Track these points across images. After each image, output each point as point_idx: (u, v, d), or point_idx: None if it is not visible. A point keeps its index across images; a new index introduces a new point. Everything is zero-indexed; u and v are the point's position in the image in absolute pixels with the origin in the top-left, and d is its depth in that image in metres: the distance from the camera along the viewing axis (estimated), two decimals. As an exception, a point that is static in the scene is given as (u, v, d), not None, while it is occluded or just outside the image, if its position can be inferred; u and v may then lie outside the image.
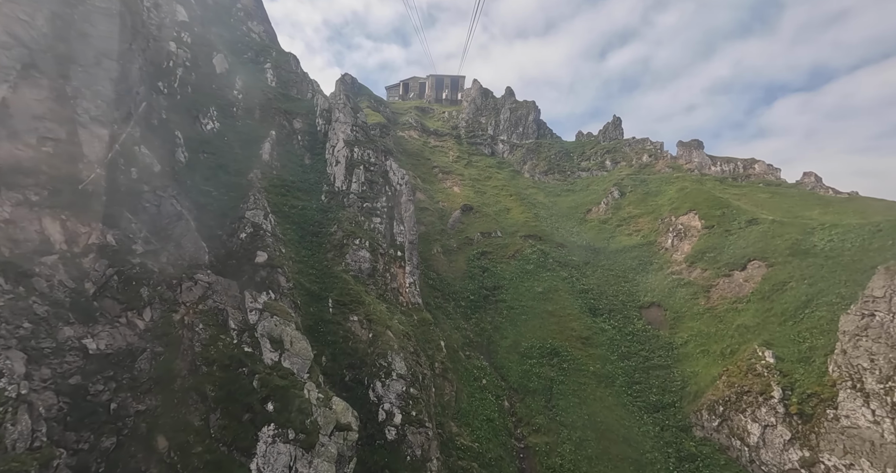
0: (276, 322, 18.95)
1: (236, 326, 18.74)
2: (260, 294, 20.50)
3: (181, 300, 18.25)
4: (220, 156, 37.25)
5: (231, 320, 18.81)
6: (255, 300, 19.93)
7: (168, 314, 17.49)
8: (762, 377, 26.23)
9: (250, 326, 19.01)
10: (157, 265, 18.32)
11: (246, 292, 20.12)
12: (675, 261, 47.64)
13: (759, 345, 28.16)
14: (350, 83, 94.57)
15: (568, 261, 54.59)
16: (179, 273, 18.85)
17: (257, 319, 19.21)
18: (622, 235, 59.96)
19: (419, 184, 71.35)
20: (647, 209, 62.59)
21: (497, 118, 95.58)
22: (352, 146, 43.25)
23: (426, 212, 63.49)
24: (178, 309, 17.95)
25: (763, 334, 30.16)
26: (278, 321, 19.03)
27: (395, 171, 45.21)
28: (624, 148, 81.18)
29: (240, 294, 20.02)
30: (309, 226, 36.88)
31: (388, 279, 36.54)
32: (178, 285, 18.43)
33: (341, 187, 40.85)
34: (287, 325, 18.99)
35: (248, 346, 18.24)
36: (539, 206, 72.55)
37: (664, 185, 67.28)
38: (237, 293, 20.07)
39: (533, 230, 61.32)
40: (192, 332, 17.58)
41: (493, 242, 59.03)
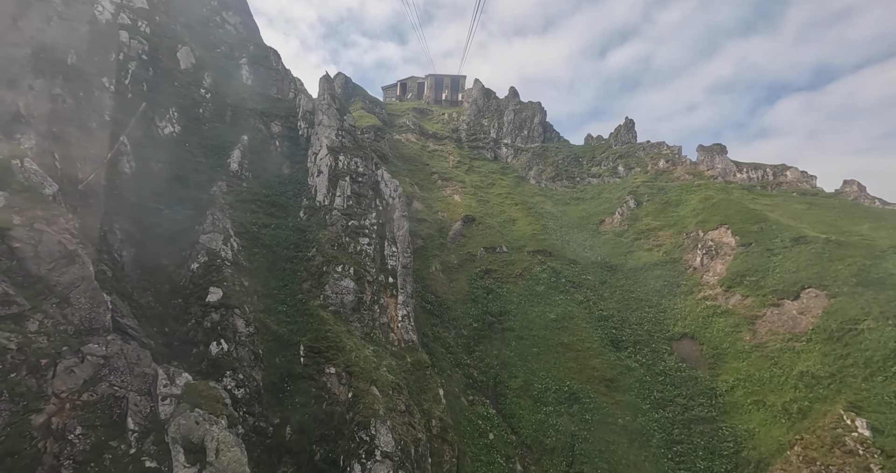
0: (199, 418, 13.01)
1: (137, 425, 12.80)
2: (179, 375, 14.53)
3: (53, 389, 12.30)
4: (179, 165, 31.42)
5: (132, 415, 12.87)
6: (172, 382, 14.00)
7: (24, 416, 11.55)
8: (856, 457, 20.41)
9: (159, 423, 13.06)
10: (18, 338, 12.34)
11: (160, 370, 14.17)
12: (706, 284, 41.72)
13: (844, 409, 22.34)
14: (343, 83, 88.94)
15: (582, 281, 48.67)
16: (58, 346, 12.92)
17: (171, 412, 13.27)
18: (641, 250, 54.03)
19: (416, 192, 65.58)
20: (667, 221, 56.68)
21: (500, 120, 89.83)
22: (336, 154, 37.38)
23: (423, 224, 57.69)
24: (46, 406, 11.99)
25: (844, 390, 24.33)
26: (202, 417, 13.09)
27: (386, 182, 39.34)
28: (638, 153, 75.34)
29: (152, 371, 14.09)
30: (282, 250, 30.95)
31: (376, 313, 30.59)
32: (50, 366, 12.50)
33: (323, 201, 34.97)
34: (214, 423, 13.06)
35: (151, 459, 12.31)
36: (547, 216, 66.67)
37: (685, 193, 61.38)
38: (148, 369, 14.15)
39: (542, 245, 55.41)
40: (61, 443, 11.63)
41: (497, 258, 53.12)
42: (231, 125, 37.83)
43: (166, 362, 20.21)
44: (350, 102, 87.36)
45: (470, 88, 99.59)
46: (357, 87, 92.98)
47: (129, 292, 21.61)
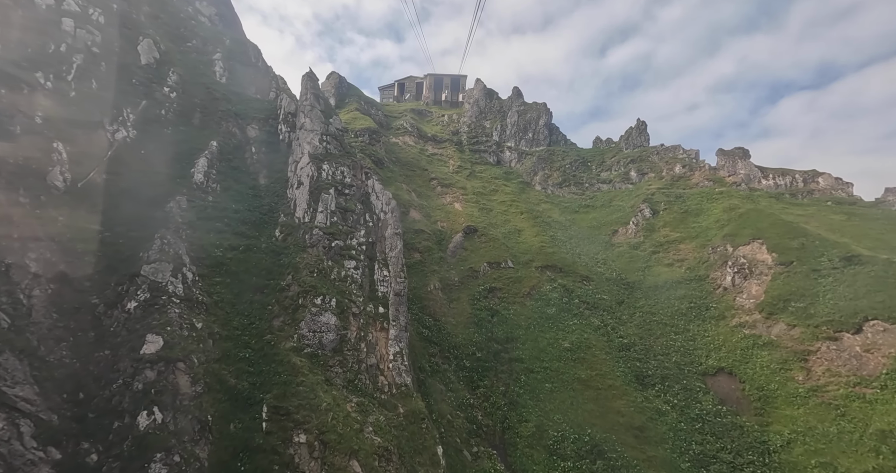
0: None
1: None
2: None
3: None
4: (130, 177, 26.53)
5: None
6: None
7: None
8: None
9: None
10: None
11: None
12: (741, 308, 36.80)
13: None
14: (337, 83, 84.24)
15: (597, 301, 43.74)
16: None
17: None
18: (661, 265, 49.11)
19: (413, 200, 60.76)
20: (688, 232, 51.79)
21: (503, 122, 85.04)
22: (320, 162, 32.50)
23: (421, 235, 52.84)
24: None
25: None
26: None
27: (378, 193, 34.47)
28: (651, 157, 70.48)
29: None
30: (251, 278, 26.03)
31: (362, 353, 25.65)
32: None
33: (303, 217, 30.07)
34: None
35: None
36: (555, 226, 61.80)
37: (706, 202, 56.51)
38: None
39: (551, 259, 50.50)
40: None
41: (503, 275, 48.22)
42: (199, 129, 32.94)
43: (73, 443, 15.36)
44: (344, 104, 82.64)
45: (471, 89, 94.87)
46: (352, 87, 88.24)
47: (34, 346, 16.68)
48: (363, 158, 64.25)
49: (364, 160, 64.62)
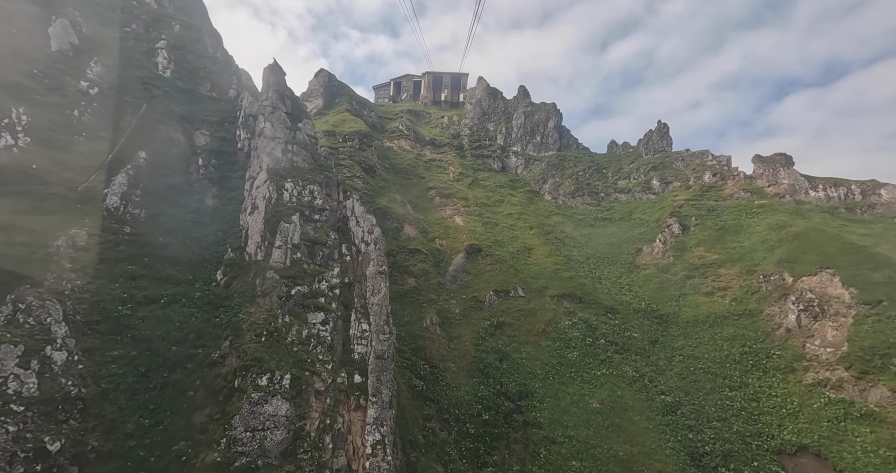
0: None
1: None
2: None
3: None
4: (4, 203, 19.08)
5: None
6: None
7: None
8: None
9: None
10: None
11: None
12: (816, 359, 29.34)
13: None
14: (326, 82, 76.95)
15: (627, 342, 36.32)
16: None
17: None
18: (698, 293, 41.64)
19: (409, 213, 53.39)
20: (728, 254, 44.34)
21: (508, 125, 77.67)
22: (281, 180, 25.08)
23: (416, 256, 45.54)
24: None
25: None
26: None
27: (359, 218, 27.07)
28: (675, 163, 63.03)
29: None
30: (169, 347, 18.58)
31: (326, 452, 18.19)
32: None
33: (255, 254, 22.64)
34: None
35: None
36: (569, 242, 54.37)
37: (745, 217, 49.10)
38: None
39: (568, 286, 43.11)
40: None
41: (512, 306, 40.81)
42: (127, 135, 25.47)
43: None
44: (334, 104, 75.37)
45: (473, 88, 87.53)
46: (343, 85, 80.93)
47: None
48: (352, 165, 56.96)
49: (353, 168, 57.41)
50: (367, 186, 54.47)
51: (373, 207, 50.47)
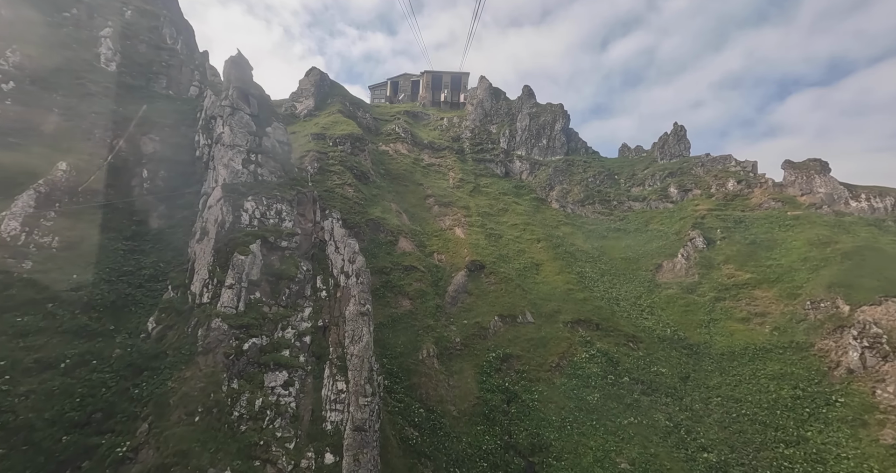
0: None
1: None
2: None
3: None
4: None
5: None
6: None
7: None
8: None
9: None
10: None
11: None
12: (891, 410, 24.34)
13: None
14: (318, 81, 72.15)
15: (656, 380, 31.40)
16: None
17: None
18: (731, 319, 36.71)
19: (404, 224, 48.52)
20: (762, 273, 39.41)
21: (512, 127, 72.82)
22: (239, 198, 20.20)
23: (413, 274, 40.77)
24: None
25: None
26: None
27: (339, 243, 22.16)
28: (695, 169, 58.07)
29: None
30: (60, 436, 13.60)
31: None
32: None
33: (200, 295, 17.71)
34: None
35: None
36: (580, 257, 49.43)
37: (778, 229, 44.21)
38: None
39: (583, 309, 38.22)
40: None
41: (520, 334, 35.90)
42: (50, 141, 20.56)
43: None
44: (326, 105, 70.50)
45: (474, 88, 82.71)
46: (335, 85, 76.12)
47: None
48: (342, 171, 51.97)
49: (344, 175, 52.45)
50: (358, 194, 49.63)
51: (365, 218, 45.73)
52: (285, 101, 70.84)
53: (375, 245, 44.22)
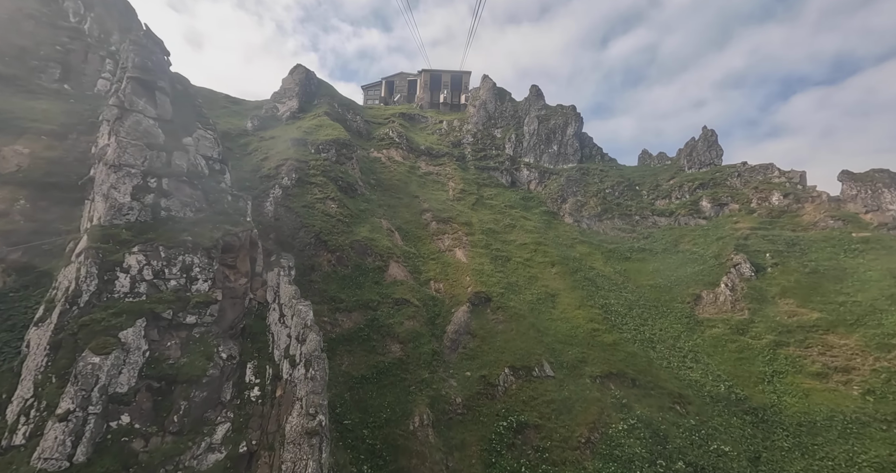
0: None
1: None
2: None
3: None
4: None
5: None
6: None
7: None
8: None
9: None
10: None
11: None
12: None
13: None
14: (303, 79, 65.06)
15: (718, 464, 23.97)
16: None
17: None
18: (802, 373, 29.36)
19: (396, 246, 41.28)
20: (835, 312, 32.09)
21: (519, 131, 65.65)
22: (117, 249, 12.81)
23: (405, 309, 33.74)
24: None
25: None
26: None
27: (285, 309, 14.85)
28: (730, 180, 50.81)
29: None
30: None
31: None
32: None
33: (11, 430, 10.16)
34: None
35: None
36: (602, 284, 42.14)
37: (843, 255, 36.93)
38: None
39: (614, 357, 30.96)
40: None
41: (537, 392, 28.50)
42: None
43: None
44: (312, 106, 63.35)
45: (476, 88, 75.58)
46: (323, 84, 69.03)
47: None
48: (325, 183, 44.68)
49: (327, 187, 44.89)
50: (343, 210, 42.45)
51: (349, 239, 38.58)
52: (266, 102, 63.74)
53: (361, 273, 37.05)
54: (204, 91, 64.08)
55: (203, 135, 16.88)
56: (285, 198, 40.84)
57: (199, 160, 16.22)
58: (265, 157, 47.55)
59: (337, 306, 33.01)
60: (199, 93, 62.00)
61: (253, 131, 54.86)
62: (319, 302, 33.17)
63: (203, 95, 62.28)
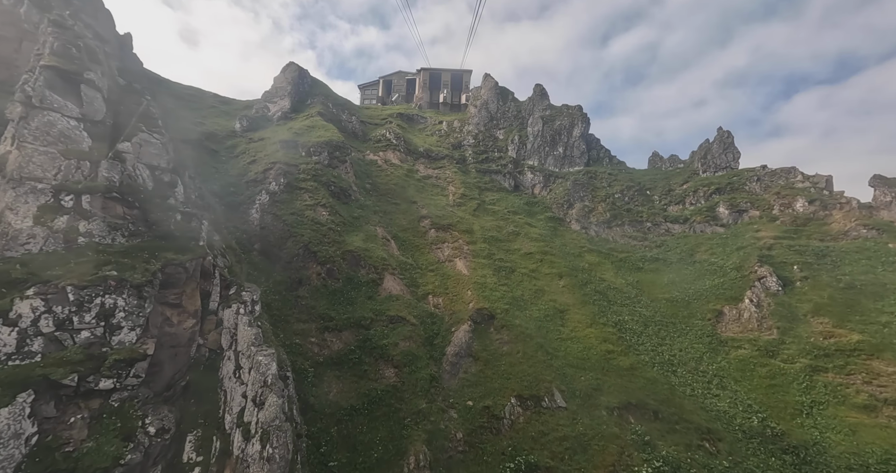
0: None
1: None
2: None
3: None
4: None
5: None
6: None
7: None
8: None
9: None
10: None
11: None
12: None
13: None
14: (296, 78, 61.98)
15: (761, 517, 20.81)
16: None
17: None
18: (846, 405, 26.22)
19: (392, 256, 38.23)
20: (878, 334, 28.97)
21: (522, 132, 62.52)
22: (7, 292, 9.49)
23: (401, 328, 30.75)
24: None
25: None
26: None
27: (242, 359, 11.43)
28: (748, 185, 47.64)
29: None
30: None
31: None
32: None
33: None
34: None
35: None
36: (615, 298, 39.01)
37: (881, 268, 33.80)
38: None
39: (632, 385, 27.85)
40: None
41: (548, 427, 25.35)
42: None
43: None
44: (304, 106, 60.29)
45: (477, 87, 72.46)
46: (317, 83, 65.93)
47: None
48: (315, 189, 41.44)
49: (318, 193, 41.36)
50: (335, 217, 39.41)
51: (341, 249, 35.59)
52: (257, 101, 60.65)
53: (353, 287, 34.04)
54: (191, 90, 61.01)
55: (147, 139, 13.70)
56: (272, 205, 37.85)
57: (139, 171, 13.09)
58: (253, 160, 44.53)
59: (326, 324, 29.97)
60: (184, 92, 58.98)
61: (241, 133, 51.81)
62: (307, 321, 30.08)
63: (189, 95, 59.18)
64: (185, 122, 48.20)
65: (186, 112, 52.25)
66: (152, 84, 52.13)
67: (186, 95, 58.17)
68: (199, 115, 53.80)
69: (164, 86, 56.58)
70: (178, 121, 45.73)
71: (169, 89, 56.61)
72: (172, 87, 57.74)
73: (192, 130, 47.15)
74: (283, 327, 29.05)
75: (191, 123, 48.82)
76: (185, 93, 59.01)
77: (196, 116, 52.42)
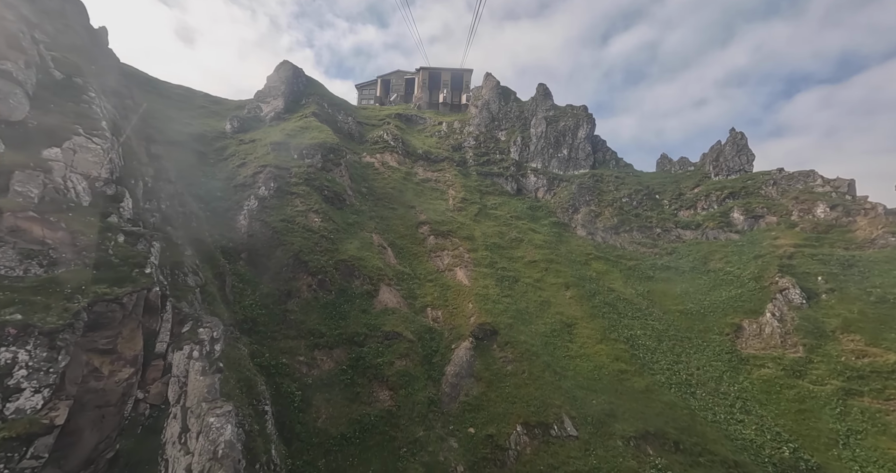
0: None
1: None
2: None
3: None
4: None
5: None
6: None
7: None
8: None
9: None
10: None
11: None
12: None
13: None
14: (290, 77, 59.69)
15: None
16: None
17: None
18: (886, 434, 23.82)
19: (388, 266, 35.90)
20: (914, 354, 26.48)
21: (525, 133, 60.17)
22: None
23: (397, 345, 28.42)
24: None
25: None
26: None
27: (190, 414, 9.21)
28: (764, 189, 45.25)
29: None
30: None
31: None
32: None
33: None
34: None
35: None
36: (625, 310, 36.63)
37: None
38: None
39: (648, 411, 25.46)
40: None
41: (558, 459, 22.99)
42: None
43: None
44: (299, 106, 57.99)
45: (478, 87, 70.14)
46: (312, 83, 63.62)
47: None
48: (308, 193, 39.05)
49: (310, 198, 38.75)
50: (327, 224, 37.07)
51: (333, 259, 33.26)
52: (249, 101, 58.39)
53: (346, 300, 31.69)
54: (181, 89, 58.78)
55: (83, 144, 11.31)
56: (261, 211, 35.54)
57: (72, 183, 10.74)
58: (242, 162, 42.29)
59: (316, 341, 27.58)
60: (173, 91, 56.71)
61: (232, 134, 49.59)
62: (296, 337, 27.71)
63: (178, 94, 56.92)
64: (173, 123, 45.97)
65: (175, 112, 50.00)
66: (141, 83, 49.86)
67: (175, 95, 55.93)
68: (187, 115, 51.55)
69: (151, 85, 54.33)
70: (165, 122, 43.51)
71: (156, 88, 54.37)
72: (160, 86, 55.52)
73: (180, 131, 44.91)
74: (270, 344, 26.64)
75: (179, 124, 46.59)
76: (174, 92, 56.78)
77: (185, 117, 50.18)
